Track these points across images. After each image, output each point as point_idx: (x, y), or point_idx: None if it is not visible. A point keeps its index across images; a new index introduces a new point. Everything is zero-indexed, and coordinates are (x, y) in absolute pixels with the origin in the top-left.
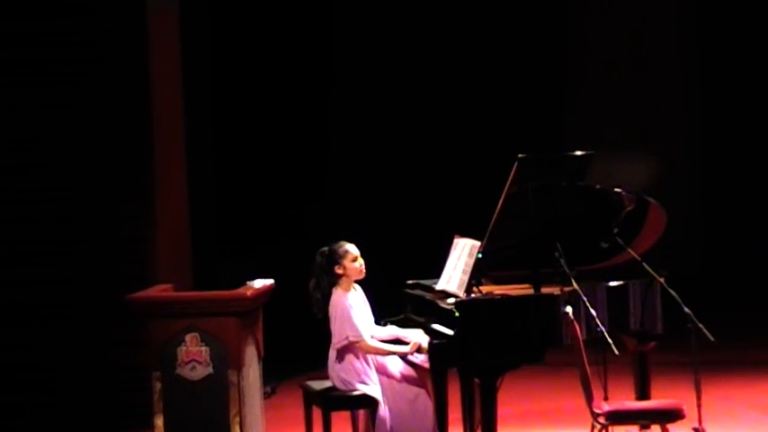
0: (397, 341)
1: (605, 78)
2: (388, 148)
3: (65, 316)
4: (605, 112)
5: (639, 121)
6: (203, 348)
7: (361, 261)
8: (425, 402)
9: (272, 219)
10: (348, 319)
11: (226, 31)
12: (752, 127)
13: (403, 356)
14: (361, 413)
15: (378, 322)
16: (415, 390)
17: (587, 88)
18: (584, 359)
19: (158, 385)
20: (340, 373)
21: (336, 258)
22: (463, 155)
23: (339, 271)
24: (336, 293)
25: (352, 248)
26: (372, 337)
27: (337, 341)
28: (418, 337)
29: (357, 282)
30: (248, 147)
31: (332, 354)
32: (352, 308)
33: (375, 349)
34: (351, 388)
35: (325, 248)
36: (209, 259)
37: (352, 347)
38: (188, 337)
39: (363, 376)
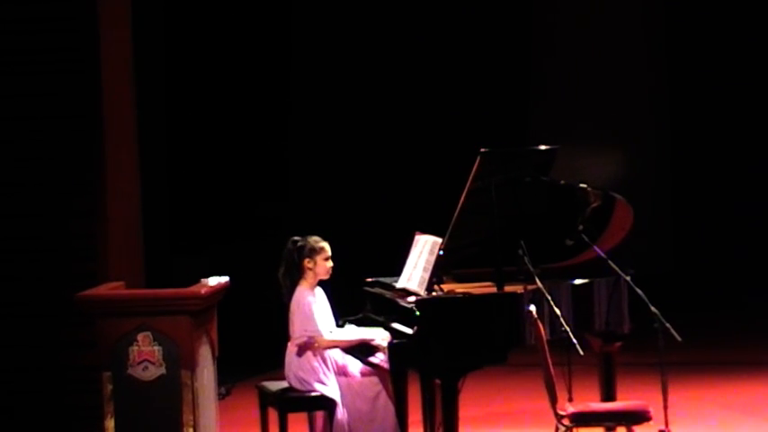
0: (362, 345)
1: (572, 71)
2: (349, 144)
3: (12, 315)
4: (571, 106)
5: (606, 115)
6: (155, 348)
7: (331, 263)
8: (386, 402)
9: (228, 215)
10: (309, 315)
11: (180, 21)
12: (721, 122)
13: (362, 357)
14: (319, 415)
15: (336, 323)
16: (376, 389)
17: (553, 81)
18: (548, 360)
19: (109, 386)
20: (297, 371)
21: (309, 251)
22: (425, 150)
23: (309, 265)
24: (299, 289)
25: (327, 247)
26: (331, 332)
27: (297, 336)
28: (380, 334)
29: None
30: (204, 141)
31: (290, 350)
32: (313, 303)
33: (335, 342)
34: (308, 388)
35: (299, 238)
36: (161, 256)
37: (311, 345)
38: (140, 337)
39: (321, 375)
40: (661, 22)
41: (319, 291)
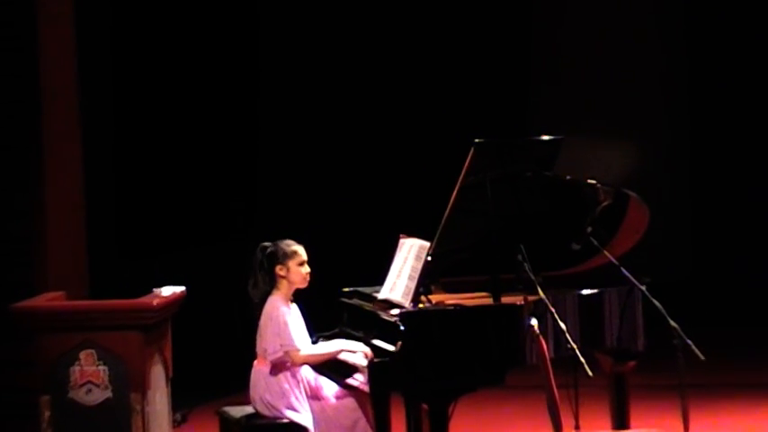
0: (337, 365)
1: (578, 53)
2: (325, 134)
3: None
4: (578, 93)
5: (617, 102)
6: (101, 368)
7: (307, 268)
8: (365, 430)
9: (185, 216)
10: (284, 328)
11: (128, 2)
12: (746, 113)
13: (338, 379)
14: None
15: (311, 340)
16: (353, 416)
17: (557, 64)
18: (552, 381)
19: (47, 412)
20: (264, 394)
21: (280, 257)
22: (411, 142)
23: (281, 272)
24: (271, 299)
25: (301, 250)
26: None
27: (271, 352)
28: (361, 346)
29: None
30: (156, 131)
31: (257, 370)
32: (288, 315)
33: (312, 357)
34: (276, 414)
35: (269, 244)
36: (108, 262)
37: (284, 365)
38: (83, 355)
39: (292, 399)
40: (680, 1)
41: (294, 307)
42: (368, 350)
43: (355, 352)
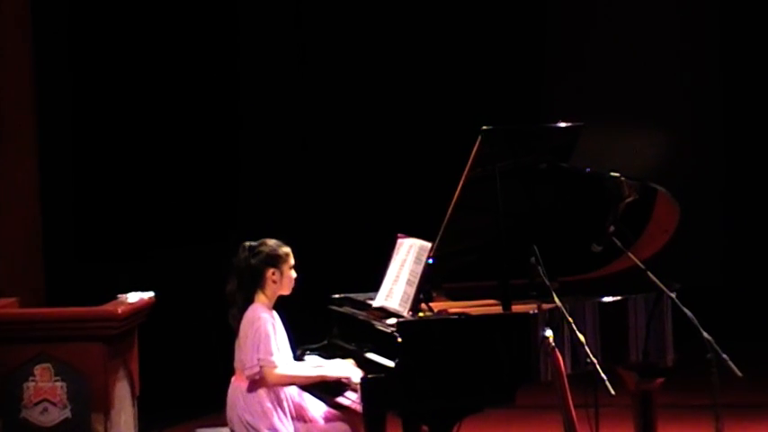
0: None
1: (599, 32)
2: (311, 121)
3: None
4: (598, 76)
5: (643, 86)
6: (58, 384)
7: (295, 273)
8: None
9: (153, 214)
10: (264, 340)
11: None
12: None
13: (326, 398)
14: None
15: (294, 354)
16: None
17: (575, 44)
18: (569, 400)
19: None
20: (244, 414)
21: (272, 260)
22: (410, 132)
23: (273, 277)
24: (255, 307)
25: (291, 252)
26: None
27: (248, 367)
28: (349, 369)
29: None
30: (121, 127)
31: (235, 386)
32: (271, 325)
33: (287, 378)
34: None
35: (254, 243)
36: (66, 266)
37: (263, 381)
38: (38, 370)
39: (275, 421)
40: None
41: (276, 315)
42: (358, 371)
43: (340, 378)
